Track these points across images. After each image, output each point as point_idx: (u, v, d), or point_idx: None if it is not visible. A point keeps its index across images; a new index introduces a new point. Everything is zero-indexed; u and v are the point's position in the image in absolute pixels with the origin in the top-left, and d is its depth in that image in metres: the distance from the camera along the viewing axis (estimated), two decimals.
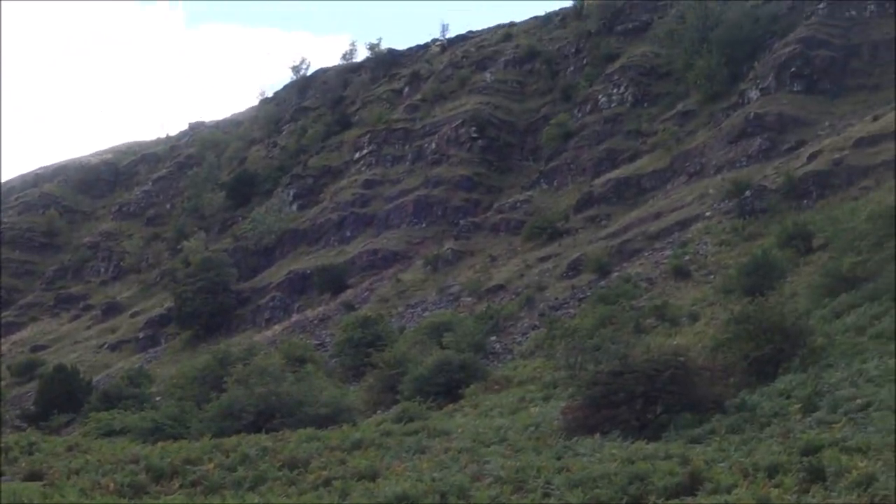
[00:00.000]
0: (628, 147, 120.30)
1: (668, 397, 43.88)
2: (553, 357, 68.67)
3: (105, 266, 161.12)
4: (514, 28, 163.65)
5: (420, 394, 65.89)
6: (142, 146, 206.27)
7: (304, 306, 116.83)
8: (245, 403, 62.68)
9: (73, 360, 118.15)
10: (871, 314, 51.95)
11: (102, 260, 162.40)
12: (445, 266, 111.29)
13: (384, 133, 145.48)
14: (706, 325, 66.51)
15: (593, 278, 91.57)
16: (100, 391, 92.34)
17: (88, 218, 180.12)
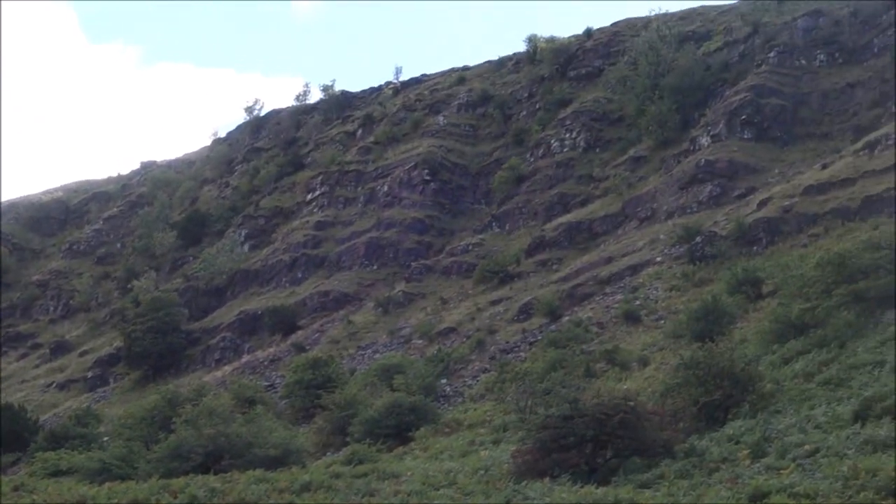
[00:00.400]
0: (580, 191, 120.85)
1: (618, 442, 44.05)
2: (503, 400, 68.76)
3: (54, 304, 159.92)
4: (467, 72, 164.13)
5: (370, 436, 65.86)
6: (93, 184, 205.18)
7: (255, 347, 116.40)
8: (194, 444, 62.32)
9: (21, 399, 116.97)
10: (819, 360, 52.34)
11: (52, 298, 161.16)
12: (397, 308, 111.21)
13: (337, 175, 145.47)
14: (656, 370, 66.78)
15: (544, 322, 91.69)
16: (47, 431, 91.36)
17: (38, 256, 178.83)
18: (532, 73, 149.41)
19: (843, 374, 48.37)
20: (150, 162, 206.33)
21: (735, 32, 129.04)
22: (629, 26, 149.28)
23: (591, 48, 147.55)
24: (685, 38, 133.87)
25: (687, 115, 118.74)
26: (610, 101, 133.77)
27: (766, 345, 60.93)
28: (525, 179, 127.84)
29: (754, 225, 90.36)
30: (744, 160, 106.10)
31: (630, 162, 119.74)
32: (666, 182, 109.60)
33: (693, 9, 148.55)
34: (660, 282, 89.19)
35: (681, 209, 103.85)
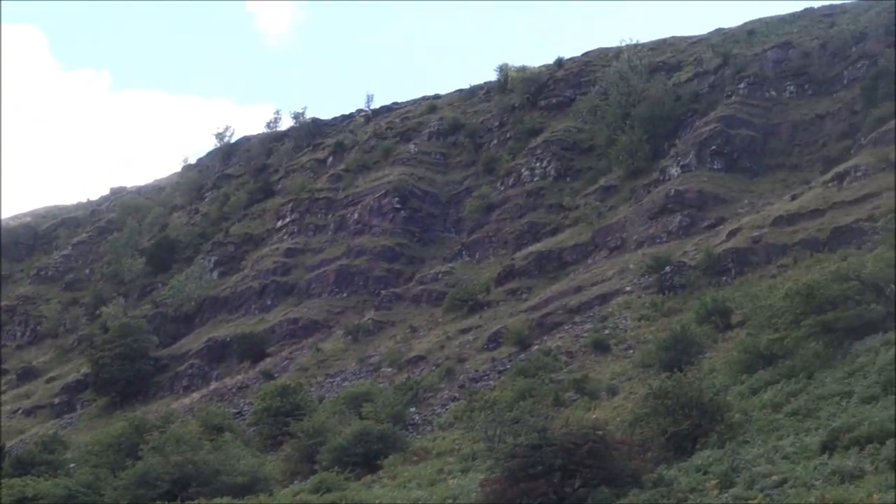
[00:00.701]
0: (550, 220, 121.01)
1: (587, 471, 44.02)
2: (472, 429, 68.76)
3: (21, 330, 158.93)
4: (438, 100, 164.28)
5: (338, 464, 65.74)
6: (62, 210, 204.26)
7: (223, 374, 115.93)
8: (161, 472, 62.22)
9: None
10: (787, 391, 52.44)
11: (19, 324, 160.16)
12: (366, 336, 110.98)
13: (307, 202, 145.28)
14: (625, 400, 66.85)
15: (513, 351, 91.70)
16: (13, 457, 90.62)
17: (6, 281, 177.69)
18: (503, 102, 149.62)
19: (811, 404, 48.47)
20: (119, 188, 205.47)
21: (705, 63, 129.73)
22: (600, 56, 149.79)
23: (562, 78, 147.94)
24: (656, 69, 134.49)
25: (657, 146, 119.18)
26: (580, 131, 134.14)
27: (734, 375, 61.06)
28: (495, 208, 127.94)
29: (723, 255, 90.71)
30: (713, 191, 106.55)
31: (600, 191, 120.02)
32: (636, 212, 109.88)
33: (664, 39, 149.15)
34: (629, 311, 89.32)
35: (650, 239, 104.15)
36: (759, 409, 51.25)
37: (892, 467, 36.21)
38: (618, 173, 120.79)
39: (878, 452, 37.76)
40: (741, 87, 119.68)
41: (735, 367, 62.25)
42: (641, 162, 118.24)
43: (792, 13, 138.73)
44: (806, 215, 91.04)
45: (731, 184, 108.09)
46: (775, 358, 59.37)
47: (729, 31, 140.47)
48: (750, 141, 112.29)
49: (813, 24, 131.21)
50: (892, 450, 37.15)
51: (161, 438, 71.42)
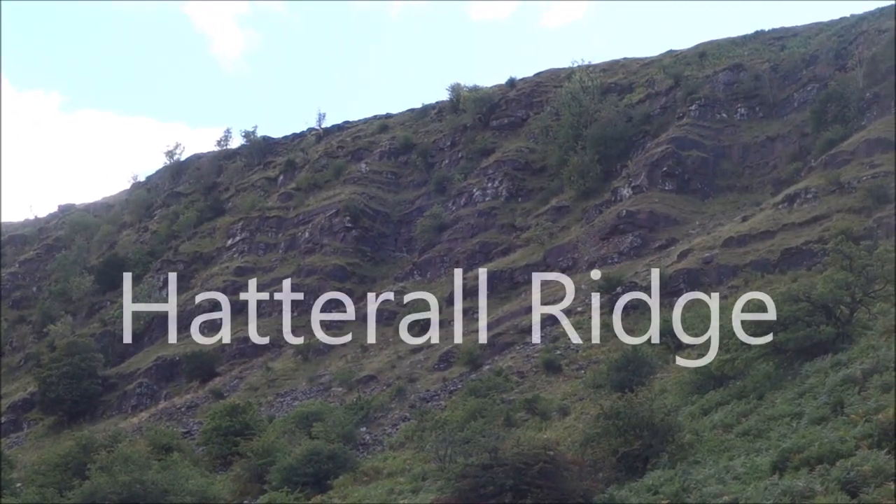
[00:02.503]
0: (502, 240, 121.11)
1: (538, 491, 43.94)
2: (423, 449, 68.54)
3: None
4: (390, 119, 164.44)
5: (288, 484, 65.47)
6: (9, 227, 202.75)
7: (172, 393, 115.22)
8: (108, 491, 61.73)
9: None
10: (738, 412, 52.51)
11: None
12: (316, 356, 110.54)
13: (257, 220, 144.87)
14: (576, 420, 66.80)
15: (465, 371, 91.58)
16: None
17: None
18: (455, 121, 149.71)
19: (761, 425, 48.53)
20: (67, 205, 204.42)
21: (657, 85, 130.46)
22: (552, 77, 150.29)
23: (514, 98, 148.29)
24: (608, 90, 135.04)
25: (609, 166, 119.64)
26: (532, 151, 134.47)
27: (685, 395, 61.14)
28: (447, 228, 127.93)
29: (675, 276, 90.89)
30: (665, 212, 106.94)
31: (552, 212, 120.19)
32: (587, 232, 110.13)
33: (616, 61, 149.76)
34: (581, 331, 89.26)
35: (602, 259, 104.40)
36: (710, 430, 51.30)
37: (841, 488, 36.29)
38: (570, 194, 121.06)
39: (829, 473, 37.85)
40: (692, 108, 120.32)
41: (686, 388, 62.33)
42: (593, 182, 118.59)
43: (743, 35, 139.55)
44: (757, 237, 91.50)
45: (683, 205, 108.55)
46: (726, 379, 59.49)
47: (681, 53, 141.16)
48: (701, 162, 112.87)
49: (764, 46, 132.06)
50: (841, 470, 37.24)
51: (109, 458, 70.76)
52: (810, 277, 73.25)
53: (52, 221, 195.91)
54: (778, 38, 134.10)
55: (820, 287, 60.60)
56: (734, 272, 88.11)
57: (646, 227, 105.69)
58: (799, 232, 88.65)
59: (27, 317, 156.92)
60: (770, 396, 52.94)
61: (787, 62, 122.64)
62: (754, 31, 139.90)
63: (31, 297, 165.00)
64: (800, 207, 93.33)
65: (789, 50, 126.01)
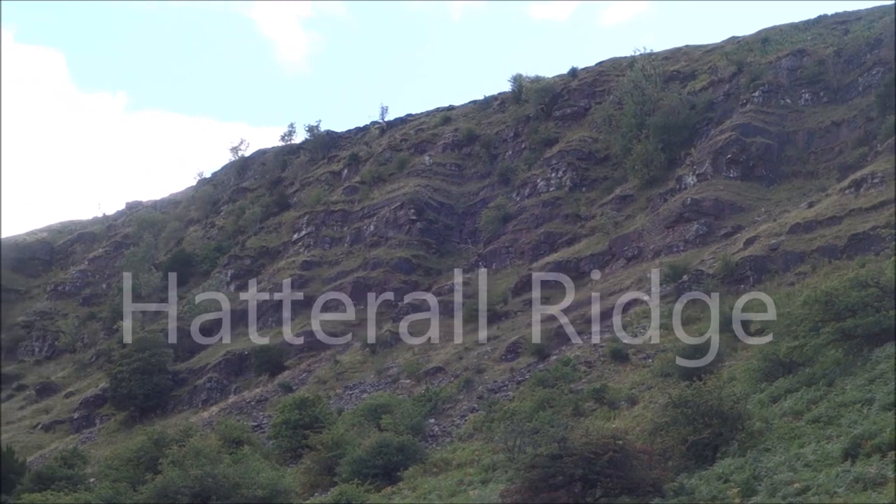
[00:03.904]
0: (567, 231, 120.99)
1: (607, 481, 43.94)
2: (492, 440, 68.59)
3: (40, 346, 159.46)
4: (452, 111, 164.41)
5: (358, 476, 65.67)
6: (78, 225, 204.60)
7: (242, 387, 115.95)
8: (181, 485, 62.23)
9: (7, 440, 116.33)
10: (807, 399, 52.25)
11: (37, 339, 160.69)
12: (384, 348, 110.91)
13: (323, 214, 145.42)
14: (644, 409, 66.68)
15: (532, 361, 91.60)
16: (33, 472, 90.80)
17: (23, 297, 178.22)
18: (517, 112, 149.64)
19: (831, 411, 48.29)
20: (135, 202, 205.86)
21: (720, 72, 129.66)
22: (614, 66, 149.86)
23: (577, 88, 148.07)
24: (670, 78, 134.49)
25: (673, 155, 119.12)
26: (595, 141, 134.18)
27: (754, 383, 60.87)
28: (511, 219, 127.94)
29: (741, 263, 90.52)
30: (730, 199, 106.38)
31: (616, 201, 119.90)
32: (652, 221, 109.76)
33: (678, 48, 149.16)
34: (647, 320, 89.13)
35: (667, 248, 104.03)
36: (780, 417, 51.09)
37: None
38: (634, 182, 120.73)
39: None
40: (756, 95, 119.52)
41: (755, 375, 62.07)
42: (657, 171, 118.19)
43: (806, 21, 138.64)
44: (823, 223, 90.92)
45: (748, 192, 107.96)
46: (795, 365, 59.23)
47: (743, 40, 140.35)
48: (766, 149, 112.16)
49: (827, 31, 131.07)
50: None
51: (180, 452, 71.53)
52: (878, 263, 72.73)
53: (119, 219, 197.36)
54: (841, 23, 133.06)
55: (888, 272, 60.23)
56: (801, 258, 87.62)
57: (711, 214, 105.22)
58: (866, 217, 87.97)
59: (97, 314, 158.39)
60: (840, 383, 52.66)
61: (851, 46, 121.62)
62: (817, 16, 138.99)
63: (100, 293, 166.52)
64: (866, 192, 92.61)
65: (853, 34, 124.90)
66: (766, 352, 62.60)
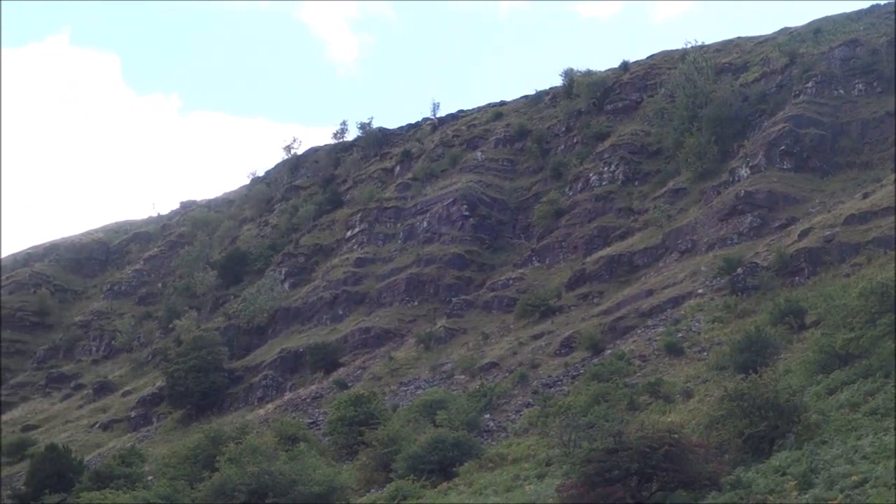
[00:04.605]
0: (620, 224, 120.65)
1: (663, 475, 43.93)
2: (547, 435, 68.64)
3: (96, 345, 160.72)
4: (504, 107, 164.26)
5: (414, 472, 65.84)
6: (133, 225, 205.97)
7: (297, 385, 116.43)
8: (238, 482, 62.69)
9: (65, 439, 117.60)
10: (864, 390, 52.02)
11: (94, 339, 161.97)
12: (438, 344, 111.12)
13: (376, 211, 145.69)
14: (700, 402, 66.51)
15: (586, 356, 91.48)
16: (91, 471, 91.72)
17: (80, 297, 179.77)
18: (569, 107, 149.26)
19: (889, 403, 48.07)
20: (189, 202, 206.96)
21: (772, 63, 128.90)
22: (666, 59, 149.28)
23: (628, 81, 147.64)
24: (722, 70, 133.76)
25: (725, 147, 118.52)
26: (648, 134, 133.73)
27: (810, 375, 60.65)
28: (564, 213, 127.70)
29: (796, 255, 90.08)
30: (784, 191, 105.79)
31: (669, 194, 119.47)
32: (706, 214, 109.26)
33: (729, 40, 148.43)
34: (702, 314, 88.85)
35: (721, 241, 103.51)
36: (837, 410, 50.91)
37: None
38: (686, 175, 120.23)
39: None
40: (809, 86, 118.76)
41: (811, 368, 61.85)
42: (710, 163, 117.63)
43: (858, 10, 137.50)
44: (878, 213, 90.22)
45: (802, 183, 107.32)
46: (851, 357, 58.93)
47: (795, 31, 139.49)
48: (819, 140, 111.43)
49: (880, 20, 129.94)
50: None
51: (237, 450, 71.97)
52: None
53: (174, 218, 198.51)
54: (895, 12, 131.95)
55: None
56: (856, 250, 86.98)
57: (765, 206, 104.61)
58: None
59: (153, 313, 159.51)
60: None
61: None
62: (870, 6, 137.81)
63: (156, 293, 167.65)
64: None
65: None
66: (822, 344, 62.32)
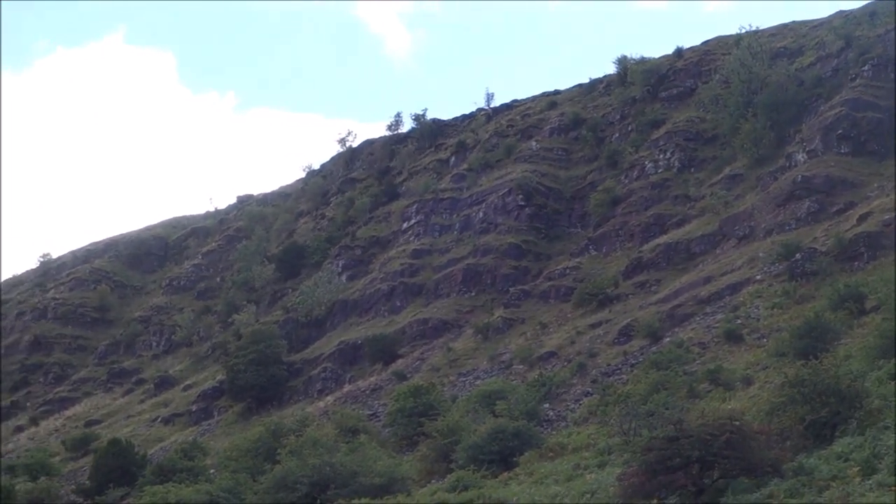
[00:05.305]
0: (676, 212, 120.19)
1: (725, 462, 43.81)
2: (607, 423, 68.59)
3: (157, 340, 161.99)
4: (558, 96, 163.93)
5: (474, 462, 65.95)
6: (191, 220, 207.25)
7: (356, 377, 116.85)
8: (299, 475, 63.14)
9: (127, 434, 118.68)
10: None
11: (154, 334, 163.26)
12: (496, 334, 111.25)
13: (431, 203, 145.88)
14: (760, 389, 66.25)
15: (645, 344, 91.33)
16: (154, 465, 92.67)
17: (139, 292, 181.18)
18: (623, 94, 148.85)
19: None
20: (246, 196, 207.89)
21: (828, 47, 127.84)
22: (720, 44, 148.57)
23: (682, 68, 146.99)
24: (777, 55, 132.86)
25: (782, 132, 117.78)
26: (703, 121, 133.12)
27: (871, 360, 60.25)
28: (620, 201, 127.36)
29: (855, 240, 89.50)
30: (841, 175, 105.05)
31: (726, 180, 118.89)
32: (763, 199, 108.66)
33: (784, 25, 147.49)
34: (760, 300, 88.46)
35: (779, 226, 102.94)
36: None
37: None
38: (743, 161, 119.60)
39: None
40: (865, 69, 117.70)
41: (872, 353, 61.44)
42: (766, 149, 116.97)
43: None
44: None
45: (859, 168, 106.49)
46: None
47: (850, 13, 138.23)
48: (877, 123, 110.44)
49: None
50: None
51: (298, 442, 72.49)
52: None
53: (231, 213, 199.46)
54: None
55: None
56: None
57: (823, 191, 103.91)
58: None
59: (212, 307, 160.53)
60: None
61: None
62: None
63: (214, 287, 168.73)
64: None
65: None
66: (883, 329, 61.93)
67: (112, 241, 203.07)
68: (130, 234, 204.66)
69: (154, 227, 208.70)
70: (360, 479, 62.61)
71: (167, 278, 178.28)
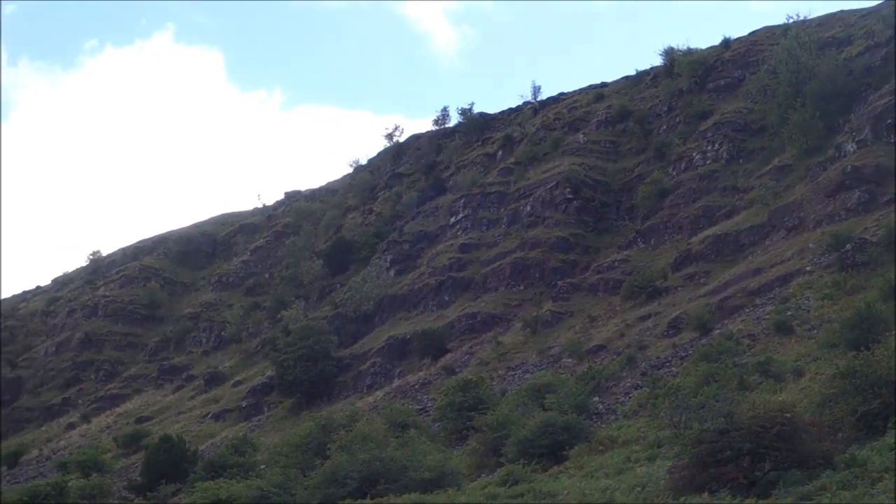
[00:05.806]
0: (725, 203, 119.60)
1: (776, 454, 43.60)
2: (657, 416, 68.40)
3: (206, 336, 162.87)
4: (605, 88, 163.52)
5: (524, 456, 65.90)
6: (239, 217, 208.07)
7: (405, 371, 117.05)
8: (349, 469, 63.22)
9: (178, 430, 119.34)
10: None
11: (204, 330, 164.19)
12: (545, 328, 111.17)
13: (479, 197, 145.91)
14: (811, 381, 65.81)
15: (695, 336, 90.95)
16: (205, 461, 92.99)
17: (188, 289, 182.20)
18: (670, 86, 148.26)
19: None
20: (293, 192, 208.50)
21: (876, 36, 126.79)
22: (767, 35, 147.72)
23: (730, 59, 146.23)
24: (825, 44, 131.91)
25: (831, 122, 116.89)
26: (751, 111, 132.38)
27: None
28: (668, 193, 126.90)
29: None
30: (891, 165, 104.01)
31: (774, 171, 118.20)
32: (812, 190, 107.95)
33: (832, 14, 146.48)
34: (811, 291, 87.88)
35: (829, 217, 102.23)
36: None
37: None
38: (791, 152, 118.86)
39: None
40: None
41: None
42: (815, 139, 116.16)
43: None
44: None
45: None
46: None
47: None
48: None
49: None
50: None
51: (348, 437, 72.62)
52: None
53: (279, 209, 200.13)
54: None
55: None
56: None
57: (873, 181, 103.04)
58: None
59: (261, 303, 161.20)
60: None
61: None
62: None
63: (263, 283, 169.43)
64: None
65: None
66: None
67: (161, 239, 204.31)
68: (179, 231, 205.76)
69: (203, 224, 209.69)
70: (409, 473, 62.65)
71: (216, 275, 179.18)
